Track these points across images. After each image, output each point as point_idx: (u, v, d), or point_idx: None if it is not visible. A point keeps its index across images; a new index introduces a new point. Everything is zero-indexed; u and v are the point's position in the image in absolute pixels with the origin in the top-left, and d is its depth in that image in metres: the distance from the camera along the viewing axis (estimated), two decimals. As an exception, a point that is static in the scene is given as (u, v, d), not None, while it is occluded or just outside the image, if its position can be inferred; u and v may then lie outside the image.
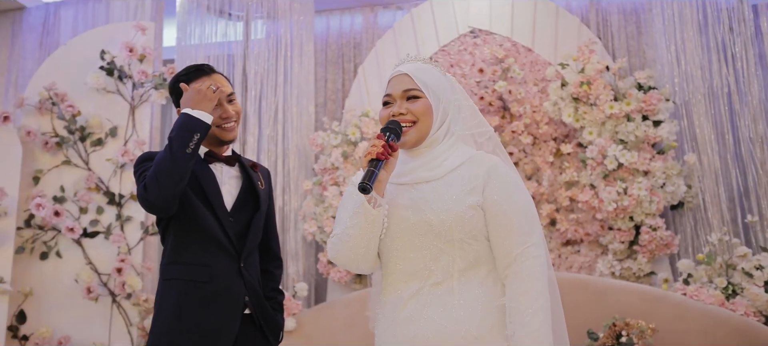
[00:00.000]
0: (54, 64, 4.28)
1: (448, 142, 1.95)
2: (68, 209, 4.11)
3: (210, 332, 2.15)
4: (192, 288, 2.18)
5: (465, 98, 2.05)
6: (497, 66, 4.84)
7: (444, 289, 1.83)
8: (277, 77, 5.08)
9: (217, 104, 2.26)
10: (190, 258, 2.21)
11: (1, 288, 3.77)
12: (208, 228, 2.20)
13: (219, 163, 2.32)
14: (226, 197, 2.28)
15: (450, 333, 1.80)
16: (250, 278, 2.25)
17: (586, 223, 4.58)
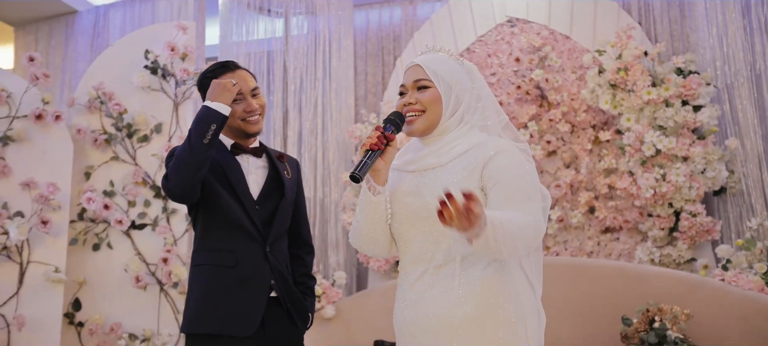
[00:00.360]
0: (102, 64, 4.47)
1: (461, 131, 1.99)
2: (117, 202, 4.30)
3: (237, 313, 2.24)
4: (220, 273, 2.28)
5: (485, 89, 2.07)
6: (534, 55, 4.83)
7: (446, 272, 1.89)
8: (317, 72, 5.19)
9: (241, 98, 2.35)
10: (217, 245, 2.30)
11: (57, 277, 3.98)
12: (234, 216, 2.29)
13: (245, 155, 2.40)
14: (253, 186, 2.37)
15: (449, 314, 1.86)
16: (276, 263, 2.33)
17: (625, 210, 4.55)
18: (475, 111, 2.02)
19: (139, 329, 4.20)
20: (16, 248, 3.99)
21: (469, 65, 2.07)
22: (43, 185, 4.02)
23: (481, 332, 1.85)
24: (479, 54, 5.08)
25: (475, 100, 2.03)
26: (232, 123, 2.33)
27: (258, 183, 2.39)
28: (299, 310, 2.38)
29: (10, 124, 4.11)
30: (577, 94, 4.71)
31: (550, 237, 4.69)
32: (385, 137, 1.92)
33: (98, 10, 5.52)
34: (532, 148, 4.68)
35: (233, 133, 2.38)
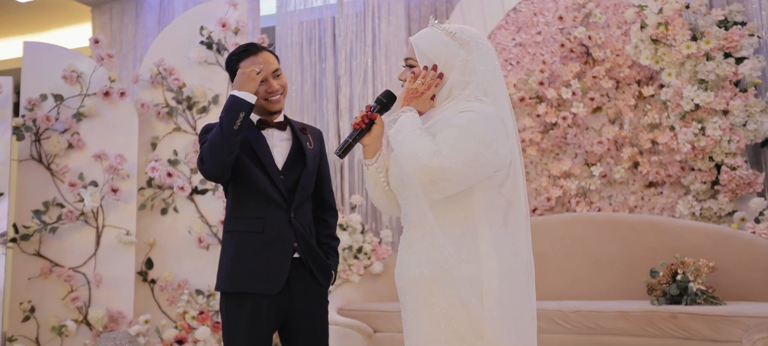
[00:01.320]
0: (162, 42, 4.84)
1: (449, 105, 2.06)
2: (181, 169, 4.69)
3: (264, 273, 2.49)
4: (248, 238, 2.51)
5: (485, 57, 2.09)
6: (578, 12, 4.85)
7: (418, 234, 2.04)
8: (366, 38, 5.39)
9: (263, 80, 2.56)
10: (246, 213, 2.54)
11: (128, 240, 4.42)
12: (260, 186, 2.52)
13: (270, 129, 2.62)
14: (278, 157, 2.58)
15: (412, 272, 2.03)
16: (299, 227, 2.54)
17: (668, 165, 4.56)
18: (466, 85, 2.06)
19: (204, 285, 4.60)
20: (92, 213, 4.44)
21: (466, 36, 2.09)
22: (113, 156, 4.45)
23: (434, 293, 1.96)
24: (525, 13, 5.14)
25: (467, 74, 2.06)
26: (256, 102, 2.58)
27: (282, 155, 2.59)
28: (321, 268, 2.59)
29: (82, 101, 4.54)
30: (621, 50, 4.72)
31: (594, 193, 4.76)
32: (368, 117, 2.12)
33: (163, -12, 5.91)
34: (575, 106, 4.74)
35: (258, 110, 2.58)
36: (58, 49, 4.68)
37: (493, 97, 2.08)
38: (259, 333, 2.46)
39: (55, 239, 4.38)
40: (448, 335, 1.94)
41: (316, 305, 2.58)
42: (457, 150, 1.91)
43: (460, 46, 2.08)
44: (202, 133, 2.61)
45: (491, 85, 2.09)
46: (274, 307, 2.48)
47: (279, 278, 2.48)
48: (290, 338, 2.55)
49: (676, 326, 3.40)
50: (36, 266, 4.36)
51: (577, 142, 4.84)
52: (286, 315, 2.52)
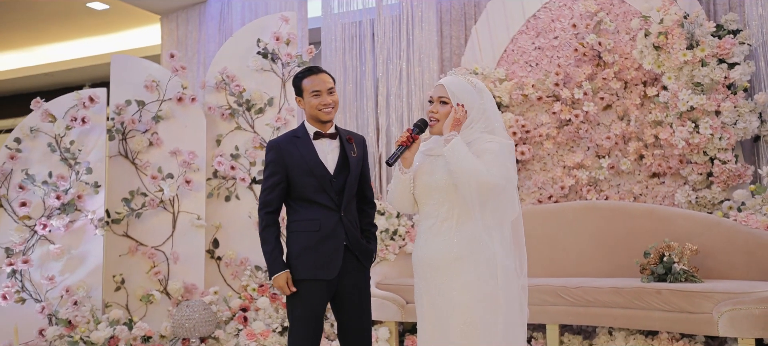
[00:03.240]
0: (224, 52, 5.58)
1: (466, 133, 2.80)
2: (242, 163, 5.45)
3: (322, 263, 3.11)
4: (307, 236, 3.13)
5: (491, 103, 2.88)
6: (590, 20, 5.42)
7: (446, 225, 2.78)
8: (401, 43, 6.06)
9: (319, 94, 3.15)
10: (304, 216, 3.15)
11: (199, 223, 5.21)
12: (314, 194, 3.13)
13: (324, 139, 3.22)
14: (330, 164, 3.18)
15: (445, 254, 2.76)
16: (347, 223, 3.16)
17: (669, 158, 5.13)
18: (479, 120, 2.84)
19: (262, 261, 5.35)
20: (169, 201, 5.24)
21: (480, 86, 2.88)
22: (186, 152, 5.23)
23: (466, 265, 2.73)
24: (544, 20, 5.73)
25: (481, 112, 2.84)
26: (310, 112, 3.16)
27: (334, 160, 3.20)
28: (365, 254, 3.22)
29: (159, 106, 5.33)
30: (629, 55, 5.28)
31: (602, 182, 5.37)
32: (411, 137, 2.84)
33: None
34: (587, 105, 5.34)
35: (313, 120, 3.20)
36: (139, 61, 5.47)
37: (499, 126, 2.87)
38: (314, 305, 3.12)
39: (139, 222, 5.20)
40: (476, 298, 2.70)
41: (362, 281, 3.21)
42: (501, 171, 2.71)
43: (477, 93, 2.86)
44: (267, 150, 3.22)
45: (495, 118, 2.89)
46: (326, 286, 3.12)
47: (334, 267, 3.11)
48: (341, 308, 3.20)
49: (660, 301, 4.03)
50: (124, 245, 5.18)
51: (589, 137, 5.44)
52: (337, 290, 3.16)
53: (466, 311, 2.71)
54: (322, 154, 3.18)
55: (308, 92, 3.17)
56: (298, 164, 3.13)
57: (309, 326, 3.12)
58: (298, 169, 3.13)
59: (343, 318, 3.22)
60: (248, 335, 4.62)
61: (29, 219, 4.87)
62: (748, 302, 3.72)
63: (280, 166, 3.14)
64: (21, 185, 4.85)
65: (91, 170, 4.89)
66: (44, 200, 4.90)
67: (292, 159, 3.14)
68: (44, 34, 8.42)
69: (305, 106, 3.20)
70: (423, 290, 2.87)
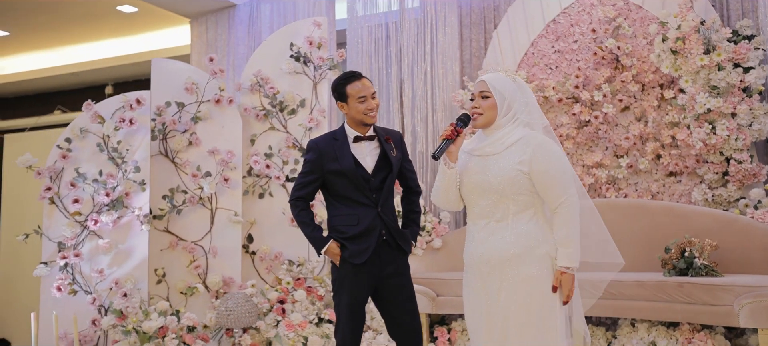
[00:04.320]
0: (258, 56, 5.82)
1: (510, 127, 2.90)
2: (275, 162, 5.69)
3: (357, 251, 3.35)
4: (346, 229, 3.37)
5: (532, 99, 2.98)
6: (609, 25, 5.66)
7: (502, 225, 2.89)
8: (426, 46, 6.29)
9: (364, 100, 3.36)
10: (343, 211, 3.39)
11: (236, 219, 5.46)
12: (353, 192, 3.36)
13: (363, 141, 3.43)
14: (369, 163, 3.40)
15: (502, 251, 2.86)
16: (385, 217, 3.39)
17: (686, 157, 5.37)
18: (522, 113, 2.93)
19: (294, 256, 5.61)
20: (208, 198, 5.48)
21: (520, 82, 3.00)
22: (224, 151, 5.47)
23: (523, 263, 2.83)
24: (563, 24, 5.96)
25: (523, 106, 2.95)
26: (356, 116, 3.36)
27: (373, 161, 3.42)
28: (404, 241, 3.45)
29: (198, 107, 5.56)
30: (646, 58, 5.52)
31: (621, 180, 5.61)
32: (455, 131, 2.98)
33: (252, 3, 6.89)
34: (606, 106, 5.57)
35: (356, 123, 3.40)
36: (178, 65, 5.70)
37: (538, 116, 2.98)
38: (356, 292, 3.37)
39: (179, 218, 5.44)
40: (535, 294, 2.82)
41: (403, 267, 3.45)
42: (566, 188, 2.85)
43: (518, 87, 2.98)
44: (307, 150, 3.46)
45: (536, 113, 3.01)
46: (366, 271, 3.35)
47: (366, 254, 3.35)
48: (382, 296, 3.43)
49: (682, 294, 4.27)
50: (165, 240, 5.43)
51: (608, 137, 5.68)
52: (378, 280, 3.38)
53: (524, 307, 2.80)
54: (361, 156, 3.39)
55: (354, 98, 3.36)
56: (333, 166, 3.35)
57: (351, 310, 3.36)
58: (333, 170, 3.35)
59: (389, 307, 3.42)
60: (287, 326, 4.87)
61: (80, 215, 5.11)
62: (767, 294, 3.96)
63: (317, 165, 3.38)
64: (72, 183, 5.09)
65: (139, 169, 5.13)
66: (93, 197, 5.14)
67: (328, 160, 3.36)
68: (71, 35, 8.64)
69: (349, 111, 3.39)
70: (479, 288, 2.94)
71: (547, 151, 2.85)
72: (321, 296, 5.23)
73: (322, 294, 5.24)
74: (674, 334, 4.52)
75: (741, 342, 4.47)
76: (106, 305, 5.03)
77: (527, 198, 2.87)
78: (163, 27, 8.08)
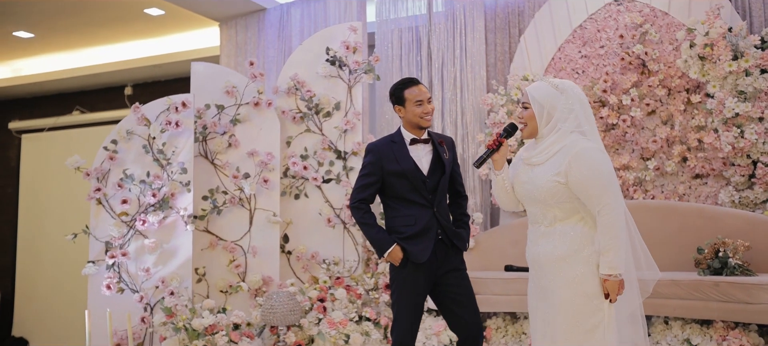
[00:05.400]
0: (294, 60, 5.95)
1: (554, 137, 2.96)
2: (311, 163, 5.83)
3: (418, 252, 3.49)
4: (404, 229, 3.52)
5: (579, 101, 2.98)
6: (636, 31, 5.82)
7: (550, 229, 3.02)
8: (455, 51, 6.44)
9: (421, 104, 3.51)
10: (400, 212, 3.55)
11: (275, 220, 5.59)
12: (409, 195, 3.52)
13: (419, 144, 3.58)
14: (424, 166, 3.54)
15: (550, 253, 3.00)
16: (440, 218, 3.53)
17: (712, 160, 5.53)
18: (566, 120, 2.95)
19: (330, 256, 5.74)
20: (247, 199, 5.62)
21: (563, 87, 2.99)
22: (263, 153, 5.60)
23: (569, 265, 2.95)
24: (590, 30, 6.12)
25: (567, 112, 2.96)
26: (412, 119, 3.51)
27: (428, 162, 3.56)
28: (459, 240, 3.59)
29: (237, 110, 5.70)
30: (672, 63, 5.68)
31: (648, 182, 5.77)
32: (498, 141, 3.13)
33: (282, 7, 7.02)
34: (634, 110, 5.73)
35: (412, 127, 3.55)
36: (218, 68, 5.84)
37: (589, 127, 3.03)
38: (414, 290, 3.51)
39: (218, 218, 5.57)
40: (580, 294, 2.92)
41: (459, 263, 3.59)
42: (612, 199, 2.88)
43: (560, 93, 3.01)
44: (366, 152, 3.61)
45: (586, 118, 3.04)
46: (425, 270, 3.50)
47: (426, 253, 3.50)
48: (441, 293, 3.56)
49: (718, 292, 4.43)
50: (205, 240, 5.56)
51: (635, 140, 5.84)
52: (435, 279, 3.53)
53: (570, 306, 2.92)
54: (417, 158, 3.54)
55: (411, 102, 3.52)
56: (394, 167, 3.51)
57: (410, 309, 3.51)
58: (394, 172, 3.51)
59: (449, 304, 3.55)
60: (329, 324, 5.00)
61: (126, 215, 5.23)
62: (800, 292, 4.13)
63: (377, 167, 3.54)
64: (120, 184, 5.22)
65: (186, 170, 5.26)
66: (139, 198, 5.26)
67: (388, 162, 3.52)
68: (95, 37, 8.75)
69: (405, 114, 3.55)
70: (533, 288, 3.10)
71: (585, 160, 2.88)
72: (359, 295, 5.36)
73: (360, 293, 5.38)
74: (708, 331, 4.67)
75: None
76: (152, 303, 5.16)
77: (572, 205, 2.95)
78: (188, 29, 8.19)
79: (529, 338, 5.23)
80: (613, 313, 2.95)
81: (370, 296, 5.49)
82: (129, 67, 9.25)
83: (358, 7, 6.56)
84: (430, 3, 6.64)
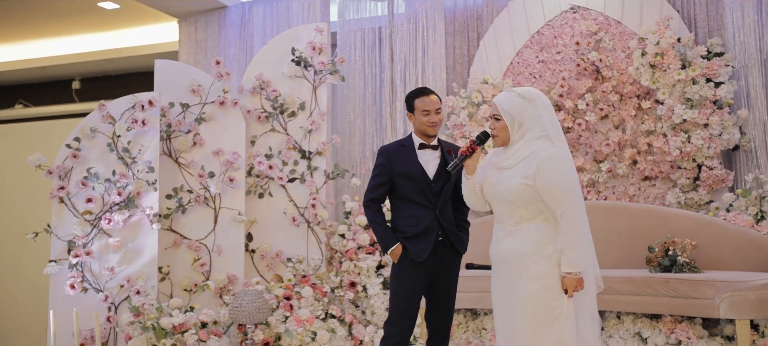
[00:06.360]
0: (260, 59, 5.99)
1: (522, 142, 3.16)
2: (275, 163, 5.88)
3: (417, 251, 3.65)
4: (407, 229, 3.68)
5: (545, 108, 3.19)
6: (591, 38, 6.07)
7: (516, 228, 3.20)
8: (417, 53, 6.58)
9: (428, 113, 3.66)
10: (404, 213, 3.71)
11: (240, 219, 5.62)
12: (416, 194, 3.67)
13: (428, 149, 3.74)
14: (431, 170, 3.70)
15: (515, 250, 3.18)
16: (443, 221, 3.68)
17: (660, 163, 5.82)
18: (533, 127, 3.15)
19: (294, 255, 5.81)
20: (212, 198, 5.63)
21: (531, 96, 3.19)
22: (229, 152, 5.63)
23: (533, 261, 3.13)
24: (547, 36, 6.35)
25: (535, 119, 3.16)
26: (419, 127, 3.69)
27: (434, 167, 3.72)
28: (459, 243, 3.75)
29: (202, 108, 5.70)
30: (625, 71, 5.95)
31: (600, 184, 6.03)
32: (471, 148, 3.32)
33: (244, 5, 7.03)
34: (588, 114, 5.98)
35: (420, 133, 3.73)
36: (181, 66, 5.83)
37: (554, 132, 3.23)
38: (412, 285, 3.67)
39: (183, 217, 5.58)
40: (542, 288, 3.12)
41: (454, 267, 3.76)
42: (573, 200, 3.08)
43: (528, 102, 3.20)
44: (378, 154, 3.78)
45: (552, 124, 3.25)
46: (423, 269, 3.66)
47: (425, 252, 3.65)
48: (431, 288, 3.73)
49: (668, 289, 4.70)
50: (169, 239, 5.55)
51: (588, 143, 6.10)
52: (432, 277, 3.70)
53: (531, 300, 3.11)
54: (424, 162, 3.71)
55: (419, 111, 3.69)
56: (402, 169, 3.70)
57: (406, 302, 3.69)
58: (401, 174, 3.69)
59: (434, 299, 3.77)
60: (296, 321, 5.08)
61: (90, 214, 5.19)
62: (744, 289, 4.42)
63: (387, 169, 3.73)
64: (83, 182, 5.17)
65: (153, 169, 5.24)
66: (103, 197, 5.22)
67: (397, 164, 3.71)
68: (44, 29, 8.55)
69: (415, 122, 3.73)
70: (497, 283, 3.28)
71: (552, 166, 3.08)
72: (325, 293, 5.45)
73: (326, 291, 5.47)
74: (658, 325, 4.95)
75: (716, 331, 4.94)
76: (116, 302, 5.13)
77: (537, 206, 3.13)
78: (144, 24, 8.09)
79: (489, 333, 5.42)
80: (571, 307, 3.14)
81: (335, 294, 5.59)
82: (78, 60, 9.07)
83: (322, 7, 6.63)
84: (392, 5, 6.76)
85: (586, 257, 3.17)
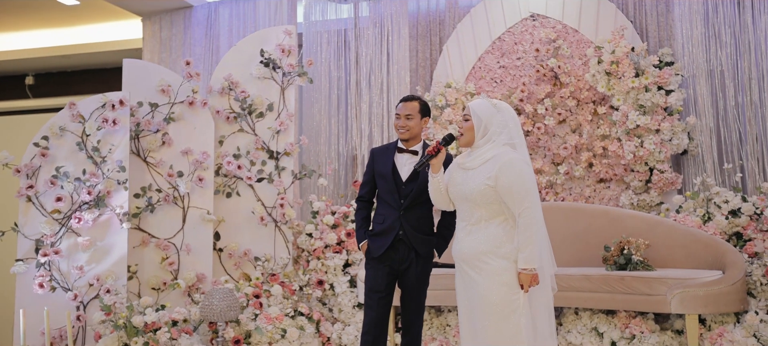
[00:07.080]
0: (228, 60, 6.05)
1: (488, 146, 3.38)
2: (243, 162, 5.95)
3: (375, 247, 3.90)
4: (376, 225, 3.96)
5: (512, 119, 3.44)
6: (550, 45, 6.32)
7: (476, 227, 3.40)
8: (382, 57, 6.73)
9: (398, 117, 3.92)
10: (378, 210, 3.98)
11: (209, 218, 5.68)
12: (387, 194, 3.92)
13: (406, 153, 3.94)
14: (404, 173, 3.91)
15: (474, 249, 3.37)
16: (405, 221, 3.87)
17: (614, 166, 6.11)
18: (501, 134, 3.39)
19: (261, 253, 5.89)
20: (181, 197, 5.68)
21: (501, 106, 3.46)
22: (198, 152, 5.68)
23: (491, 259, 3.33)
24: (508, 42, 6.57)
25: (501, 127, 3.40)
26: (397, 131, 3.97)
27: (408, 171, 3.92)
28: (421, 247, 3.93)
29: (171, 108, 5.74)
30: (582, 77, 6.22)
31: (558, 186, 6.29)
32: (437, 148, 3.51)
33: (210, 5, 7.06)
34: (547, 119, 6.23)
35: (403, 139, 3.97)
36: (149, 65, 5.85)
37: (519, 142, 3.48)
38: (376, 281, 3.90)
39: (151, 216, 5.61)
40: (500, 285, 3.31)
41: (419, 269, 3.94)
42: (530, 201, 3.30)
43: (497, 111, 3.46)
44: (371, 154, 4.04)
45: (517, 133, 3.49)
46: (385, 265, 3.90)
47: (382, 248, 3.90)
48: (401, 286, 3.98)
49: (623, 285, 4.96)
50: (137, 238, 5.58)
51: (547, 146, 6.35)
52: (397, 274, 3.94)
53: (490, 295, 3.31)
54: (400, 165, 3.95)
55: (395, 115, 3.98)
56: (380, 169, 3.96)
57: (371, 299, 3.93)
58: (379, 173, 3.97)
59: (402, 294, 4.02)
60: (266, 319, 5.18)
61: (58, 213, 5.18)
62: (694, 285, 4.72)
63: (370, 168, 4.03)
64: (52, 181, 5.16)
65: (124, 168, 5.26)
66: (72, 196, 5.22)
67: (378, 164, 3.98)
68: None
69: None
70: (458, 279, 3.50)
71: (511, 169, 3.30)
72: (293, 291, 5.56)
73: (294, 289, 5.57)
74: (613, 320, 5.21)
75: (667, 325, 5.24)
76: (85, 301, 5.14)
77: (497, 207, 3.35)
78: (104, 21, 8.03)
79: (453, 329, 5.61)
80: (527, 302, 3.35)
81: (303, 292, 5.70)
82: (32, 56, 8.94)
83: (289, 8, 6.72)
84: (356, 8, 6.89)
85: (541, 255, 3.39)
